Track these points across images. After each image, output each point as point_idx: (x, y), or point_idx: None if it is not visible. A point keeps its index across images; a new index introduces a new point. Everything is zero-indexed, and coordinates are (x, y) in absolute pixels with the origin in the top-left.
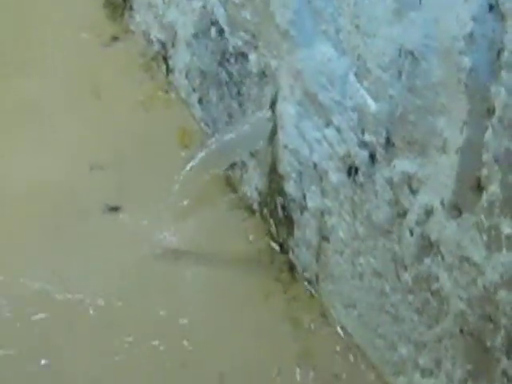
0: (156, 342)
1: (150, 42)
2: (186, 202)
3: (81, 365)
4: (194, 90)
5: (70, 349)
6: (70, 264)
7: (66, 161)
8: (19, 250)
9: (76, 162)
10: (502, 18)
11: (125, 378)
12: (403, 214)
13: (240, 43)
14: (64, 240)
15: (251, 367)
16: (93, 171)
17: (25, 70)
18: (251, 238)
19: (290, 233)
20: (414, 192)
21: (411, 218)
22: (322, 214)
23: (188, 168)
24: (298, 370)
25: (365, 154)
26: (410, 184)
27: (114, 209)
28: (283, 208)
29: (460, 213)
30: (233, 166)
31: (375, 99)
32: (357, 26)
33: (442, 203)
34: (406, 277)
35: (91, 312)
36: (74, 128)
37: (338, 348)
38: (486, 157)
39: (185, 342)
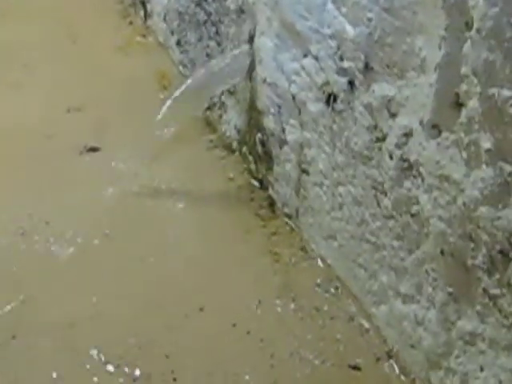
0: (137, 277)
1: None
2: (165, 142)
3: (58, 303)
4: (172, 32)
5: (48, 288)
6: (49, 204)
7: (42, 103)
8: None
9: (53, 104)
10: None
11: (103, 318)
12: (382, 139)
13: None
14: (42, 181)
15: (231, 300)
16: (70, 113)
17: (1, 20)
18: (231, 175)
19: (270, 168)
20: (393, 115)
21: (390, 141)
22: (302, 146)
23: (167, 105)
24: (278, 302)
25: (343, 80)
26: (389, 107)
27: (93, 149)
28: (262, 144)
29: (439, 132)
30: (212, 106)
31: (353, 24)
32: None
33: (422, 124)
34: (386, 202)
35: (71, 250)
36: (50, 71)
37: (318, 280)
38: (464, 70)
39: (165, 277)
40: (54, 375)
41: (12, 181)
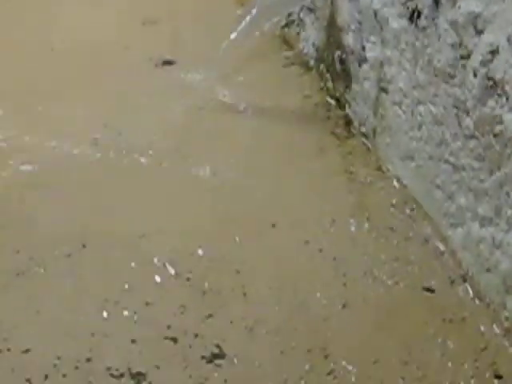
0: (209, 192)
1: None
2: (241, 57)
3: (129, 215)
4: None
5: (119, 199)
6: (122, 115)
7: (118, 16)
8: (71, 104)
9: (128, 16)
10: None
11: (173, 232)
12: (467, 56)
13: None
14: (117, 92)
15: (304, 217)
16: (145, 26)
17: None
18: (307, 92)
19: (347, 87)
20: (478, 32)
21: (475, 58)
22: (382, 64)
23: (244, 22)
24: (352, 221)
25: None
26: (475, 24)
27: (168, 62)
28: (341, 61)
29: None
30: (289, 23)
31: None
32: None
33: (509, 41)
34: (468, 122)
35: (143, 161)
36: None
37: (393, 201)
38: None
39: (237, 192)
40: (126, 286)
41: (88, 91)
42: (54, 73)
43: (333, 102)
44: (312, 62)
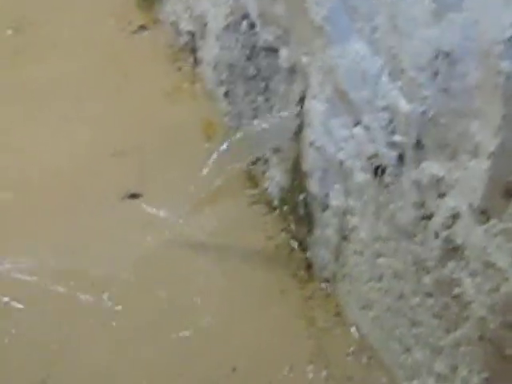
0: (169, 332)
1: (178, 32)
2: (207, 194)
3: (88, 350)
4: (220, 82)
5: (79, 334)
6: (87, 248)
7: (88, 146)
8: (39, 233)
9: (98, 147)
10: None
11: (133, 369)
12: (429, 217)
13: (271, 38)
14: (82, 224)
15: (264, 362)
16: (115, 157)
17: (52, 52)
18: (270, 233)
19: (310, 231)
20: (441, 195)
21: (437, 221)
22: (344, 213)
23: (211, 159)
24: (310, 367)
25: (393, 154)
26: (438, 187)
27: (134, 196)
28: (304, 205)
29: (488, 218)
30: (255, 161)
31: (408, 100)
32: (394, 26)
33: (470, 208)
34: (427, 280)
35: (104, 298)
36: (98, 113)
37: (351, 349)
38: None
39: (198, 334)
40: None
41: (51, 221)
42: (19, 202)
43: (295, 244)
44: (276, 203)
